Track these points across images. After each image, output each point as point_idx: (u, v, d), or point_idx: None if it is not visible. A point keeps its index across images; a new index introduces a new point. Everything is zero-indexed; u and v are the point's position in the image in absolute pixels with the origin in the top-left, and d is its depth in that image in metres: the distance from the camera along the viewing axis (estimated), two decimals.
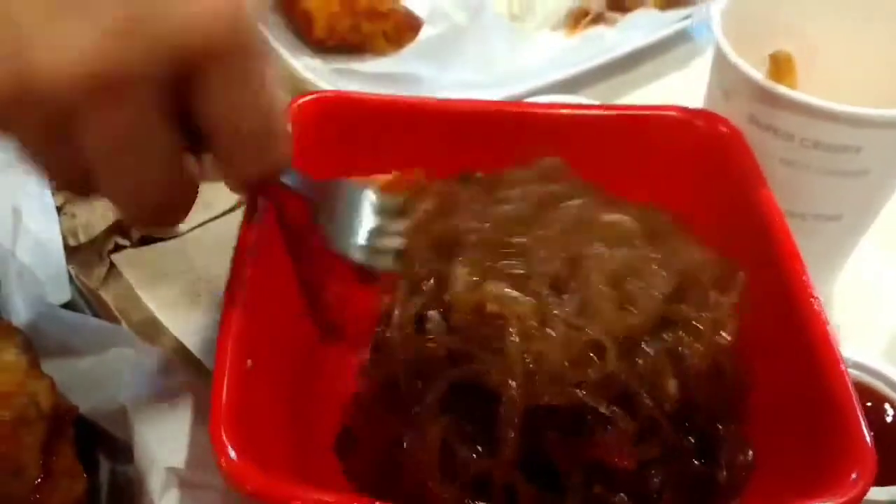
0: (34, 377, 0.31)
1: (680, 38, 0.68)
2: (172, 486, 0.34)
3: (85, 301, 0.46)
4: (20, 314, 0.39)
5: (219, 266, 0.49)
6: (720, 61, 0.44)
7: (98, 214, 0.50)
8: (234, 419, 0.31)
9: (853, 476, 0.30)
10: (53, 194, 0.51)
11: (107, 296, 0.48)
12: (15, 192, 0.45)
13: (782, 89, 0.41)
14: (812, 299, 0.36)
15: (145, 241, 0.51)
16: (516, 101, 0.55)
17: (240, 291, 0.35)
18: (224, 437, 0.30)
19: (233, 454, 0.30)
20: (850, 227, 0.46)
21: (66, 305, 0.42)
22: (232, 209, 0.52)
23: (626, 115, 0.46)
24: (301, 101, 0.45)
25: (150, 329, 0.46)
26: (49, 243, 0.44)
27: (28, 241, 0.43)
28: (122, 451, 0.38)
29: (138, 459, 0.35)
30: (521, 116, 0.46)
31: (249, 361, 0.34)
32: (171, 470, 0.34)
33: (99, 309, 0.46)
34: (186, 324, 0.46)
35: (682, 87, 0.64)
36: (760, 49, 0.43)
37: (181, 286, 0.49)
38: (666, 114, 0.44)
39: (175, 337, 0.46)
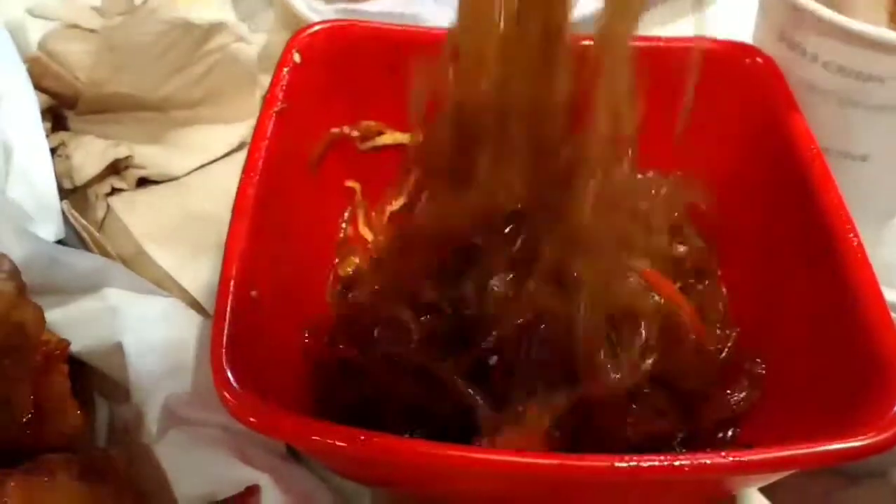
0: (21, 305, 0.29)
1: None
2: (171, 423, 0.32)
3: (82, 243, 0.44)
4: (10, 250, 0.37)
5: (219, 209, 0.47)
6: None
7: (94, 156, 0.48)
8: (238, 349, 0.30)
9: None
10: (47, 135, 0.49)
11: (105, 241, 0.47)
12: (5, 129, 0.43)
13: (810, 4, 0.39)
14: (851, 235, 0.34)
15: (142, 184, 0.49)
16: None
17: (244, 218, 0.34)
18: (226, 367, 0.29)
19: (235, 384, 0.28)
20: (878, 171, 0.44)
21: (60, 245, 0.40)
22: (230, 152, 0.50)
23: (656, 46, 0.43)
24: (311, 30, 0.42)
25: (152, 276, 0.44)
26: (41, 179, 0.42)
27: (19, 177, 0.41)
28: (119, 391, 0.36)
29: (134, 398, 0.33)
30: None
31: (254, 292, 0.32)
32: (171, 406, 0.32)
33: (97, 251, 0.44)
34: (190, 271, 0.44)
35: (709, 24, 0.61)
36: None
37: (183, 231, 0.47)
38: (697, 45, 0.42)
39: (179, 285, 0.44)
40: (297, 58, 0.41)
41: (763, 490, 0.38)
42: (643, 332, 0.33)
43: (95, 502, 0.29)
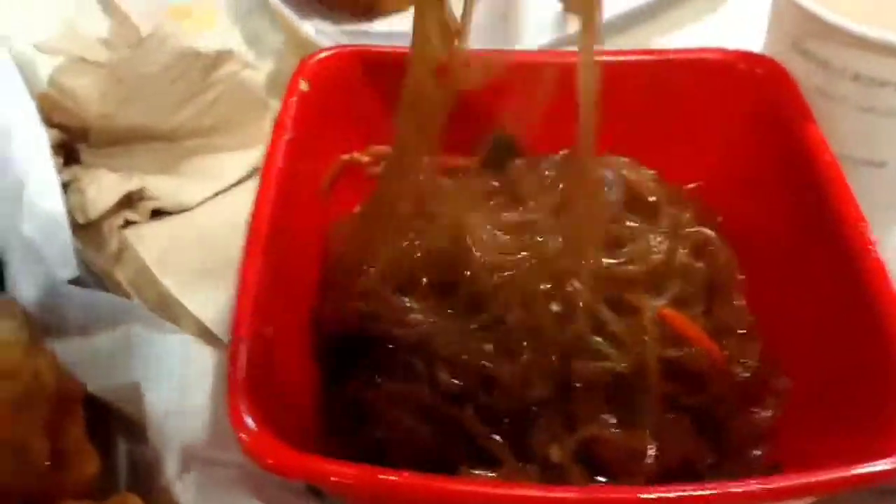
0: (35, 354, 0.29)
1: None
2: (190, 464, 0.32)
3: (95, 280, 0.44)
4: (26, 291, 0.37)
5: (233, 237, 0.47)
6: None
7: (107, 189, 0.48)
8: (254, 389, 0.30)
9: None
10: (59, 171, 0.49)
11: (120, 275, 0.47)
12: (17, 166, 0.43)
13: (822, 11, 0.38)
14: (870, 245, 0.33)
15: (156, 215, 0.49)
16: (544, 51, 0.53)
17: (258, 254, 0.33)
18: (242, 408, 0.29)
19: (252, 425, 0.28)
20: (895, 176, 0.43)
21: (74, 283, 0.40)
22: (241, 180, 0.50)
23: (667, 60, 0.43)
24: (317, 57, 0.42)
25: (168, 309, 0.44)
26: (54, 218, 0.41)
27: (33, 216, 0.41)
28: (138, 431, 0.36)
29: (152, 438, 0.33)
30: (555, 67, 0.43)
31: (269, 328, 0.32)
32: (189, 448, 0.32)
33: (111, 289, 0.44)
34: (205, 302, 0.44)
35: (720, 32, 0.60)
36: None
37: (197, 261, 0.47)
38: (707, 56, 0.42)
39: (194, 316, 0.44)
40: (304, 86, 0.41)
41: None
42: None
43: None
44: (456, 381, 0.33)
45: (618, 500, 0.28)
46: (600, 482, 0.32)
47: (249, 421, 0.28)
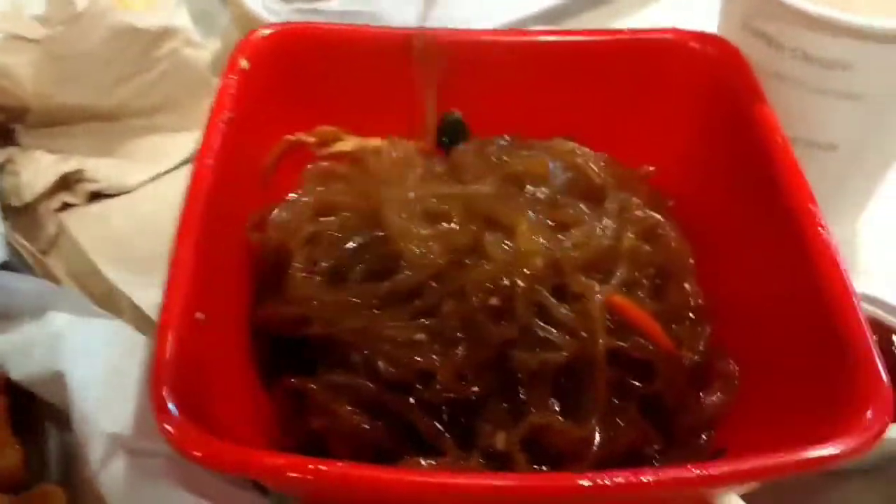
0: None
1: None
2: (115, 454, 0.31)
3: (26, 267, 0.42)
4: None
5: (173, 221, 0.46)
6: None
7: (43, 171, 0.46)
8: (181, 377, 0.28)
9: (868, 414, 0.27)
10: None
11: (55, 261, 0.45)
12: None
13: None
14: (819, 227, 0.33)
15: (95, 198, 0.47)
16: (500, 30, 0.52)
17: (191, 237, 0.32)
18: (166, 396, 0.27)
19: (176, 414, 0.27)
20: (847, 160, 0.42)
21: (2, 268, 0.39)
22: (183, 163, 0.49)
23: (620, 39, 0.42)
24: (259, 32, 0.41)
25: (107, 296, 0.43)
26: None
27: None
28: (64, 422, 0.34)
29: (77, 428, 0.31)
30: (508, 46, 0.43)
31: (200, 314, 0.31)
32: (114, 436, 0.31)
33: (42, 276, 0.42)
34: (146, 288, 0.42)
35: (672, 14, 0.60)
36: None
37: (137, 246, 0.45)
38: (661, 37, 0.41)
39: (134, 303, 0.42)
40: (244, 64, 0.39)
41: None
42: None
43: None
44: (394, 370, 0.32)
45: (557, 488, 0.27)
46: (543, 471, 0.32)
47: (174, 409, 0.27)
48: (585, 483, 0.26)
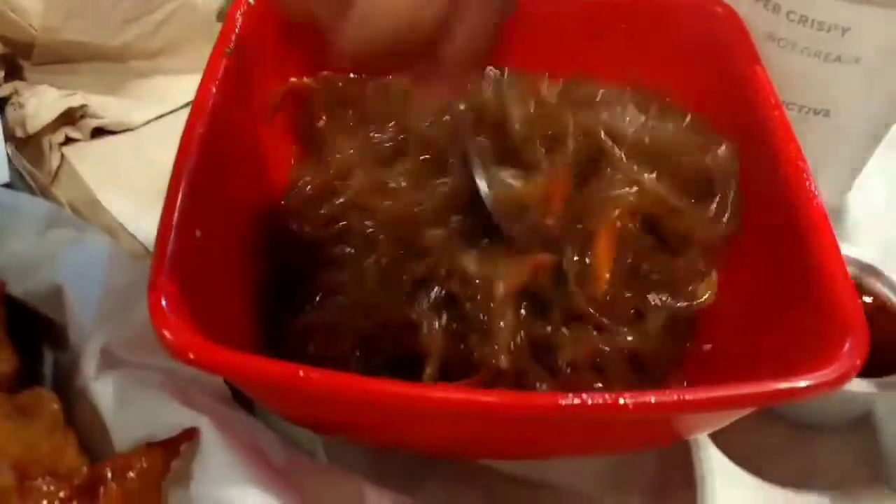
0: None
1: None
2: (110, 364, 0.31)
3: (28, 189, 0.43)
4: None
5: (174, 159, 0.46)
6: None
7: (48, 104, 0.47)
8: (178, 287, 0.29)
9: (846, 346, 0.27)
10: (0, 84, 0.48)
11: (58, 193, 0.46)
12: None
13: None
14: (804, 175, 0.34)
15: (98, 134, 0.48)
16: None
17: (189, 157, 0.33)
18: (163, 303, 0.28)
19: (173, 318, 0.28)
20: (839, 127, 0.43)
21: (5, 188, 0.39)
22: (186, 104, 0.49)
23: None
24: None
25: (106, 228, 0.43)
26: None
27: None
28: (61, 337, 0.35)
29: (73, 340, 0.32)
30: None
31: (198, 231, 0.32)
32: (110, 349, 0.32)
33: (42, 196, 0.43)
34: (143, 220, 0.43)
35: None
36: None
37: (137, 182, 0.46)
38: None
39: (131, 232, 0.43)
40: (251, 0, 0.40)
41: (717, 443, 0.38)
42: None
43: (25, 440, 0.28)
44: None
45: (538, 406, 0.27)
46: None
47: (170, 314, 0.28)
48: (566, 402, 0.27)
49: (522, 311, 0.34)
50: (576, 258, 0.35)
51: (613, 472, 0.37)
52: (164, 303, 0.28)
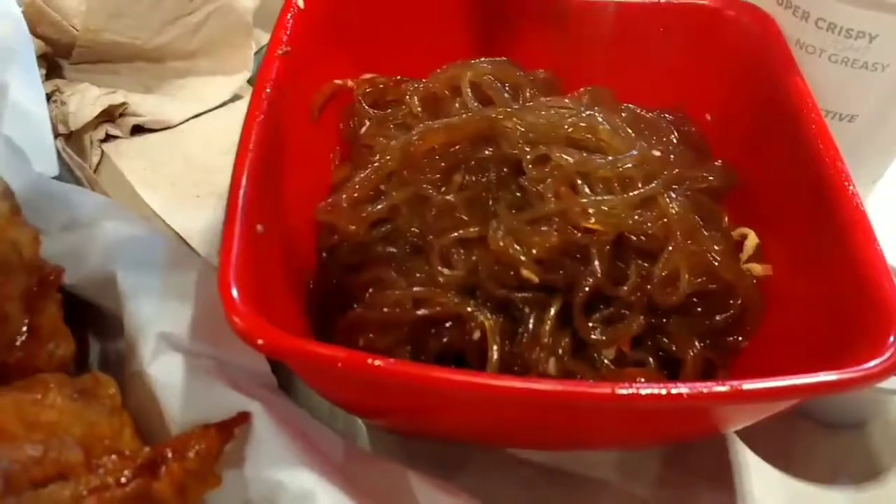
0: (16, 224, 0.29)
1: None
2: (164, 351, 0.32)
3: (76, 182, 0.43)
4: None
5: (212, 157, 0.47)
6: None
7: (89, 102, 0.48)
8: (244, 278, 0.30)
9: (891, 338, 0.28)
10: (42, 82, 0.48)
11: (99, 179, 0.46)
12: (1, 69, 0.42)
13: None
14: (847, 184, 0.35)
15: (137, 131, 0.49)
16: None
17: (250, 155, 0.33)
18: (234, 290, 0.29)
19: (243, 306, 0.28)
20: (865, 132, 0.44)
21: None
22: (223, 104, 0.50)
23: (659, 4, 0.44)
24: None
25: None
26: (36, 119, 0.41)
27: (15, 116, 0.40)
28: (113, 327, 0.36)
29: (128, 330, 0.33)
30: (544, 5, 0.44)
31: (260, 226, 0.32)
32: (164, 335, 0.32)
33: (91, 189, 0.44)
34: (182, 215, 0.44)
35: None
36: None
37: (175, 178, 0.47)
38: (699, 4, 0.43)
39: (171, 227, 0.44)
40: (300, 2, 0.41)
41: (746, 441, 0.39)
42: None
43: (86, 421, 0.29)
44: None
45: (594, 395, 0.28)
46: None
47: (239, 303, 0.28)
48: (623, 391, 0.28)
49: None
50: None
51: (650, 468, 0.38)
52: (234, 292, 0.29)
